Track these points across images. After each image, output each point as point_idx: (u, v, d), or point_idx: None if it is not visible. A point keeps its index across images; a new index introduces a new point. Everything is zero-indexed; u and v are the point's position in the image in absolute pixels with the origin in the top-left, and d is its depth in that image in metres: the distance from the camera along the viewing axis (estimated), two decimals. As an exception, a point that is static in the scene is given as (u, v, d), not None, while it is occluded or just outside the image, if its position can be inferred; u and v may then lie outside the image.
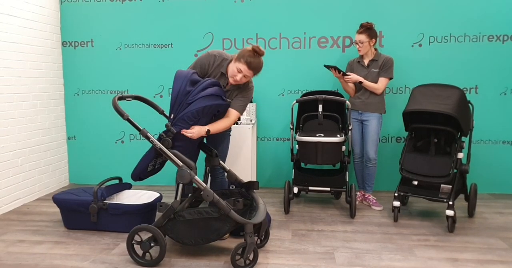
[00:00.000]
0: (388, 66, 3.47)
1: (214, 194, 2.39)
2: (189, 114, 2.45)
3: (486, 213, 3.45)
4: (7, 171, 3.54)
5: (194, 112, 2.45)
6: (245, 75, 2.61)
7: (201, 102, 2.46)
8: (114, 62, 4.28)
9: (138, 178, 2.66)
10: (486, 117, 3.98)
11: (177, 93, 2.49)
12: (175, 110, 2.49)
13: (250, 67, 2.58)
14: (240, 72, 2.59)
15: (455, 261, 2.53)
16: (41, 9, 3.96)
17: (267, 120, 4.24)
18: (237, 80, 2.63)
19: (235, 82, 2.67)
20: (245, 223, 2.37)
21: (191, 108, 2.45)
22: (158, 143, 2.47)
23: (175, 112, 2.49)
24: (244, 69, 2.58)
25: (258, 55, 2.60)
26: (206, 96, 2.49)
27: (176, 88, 2.50)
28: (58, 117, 4.27)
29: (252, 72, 2.61)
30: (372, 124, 3.52)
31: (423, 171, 3.09)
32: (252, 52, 2.59)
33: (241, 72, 2.59)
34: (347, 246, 2.77)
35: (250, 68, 2.58)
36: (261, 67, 2.65)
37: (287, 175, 4.22)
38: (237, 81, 2.64)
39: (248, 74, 2.61)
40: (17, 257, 2.61)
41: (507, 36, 3.87)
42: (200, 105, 2.46)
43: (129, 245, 2.50)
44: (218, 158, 2.83)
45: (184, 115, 2.45)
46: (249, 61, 2.56)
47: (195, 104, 2.46)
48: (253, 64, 2.57)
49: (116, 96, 2.54)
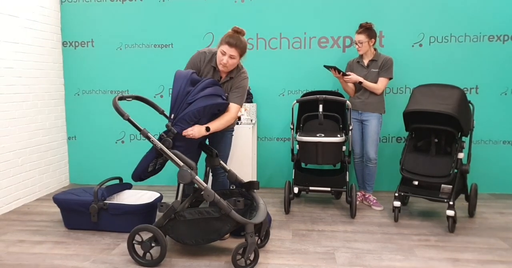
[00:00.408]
0: (388, 66, 3.47)
1: (214, 194, 2.39)
2: (190, 114, 2.45)
3: (487, 213, 3.45)
4: (7, 171, 3.54)
5: (195, 111, 2.45)
6: (230, 55, 2.59)
7: (201, 102, 2.47)
8: (114, 62, 4.28)
9: (138, 179, 2.66)
10: (487, 117, 3.98)
11: (177, 93, 2.49)
12: (175, 110, 2.49)
13: (231, 45, 2.57)
14: (224, 54, 2.60)
15: (456, 261, 2.53)
16: (41, 9, 3.96)
17: (267, 120, 4.24)
18: (224, 63, 2.61)
19: (224, 67, 2.66)
20: (245, 223, 2.37)
21: (191, 108, 2.46)
22: (158, 143, 2.47)
23: (175, 112, 2.49)
24: (226, 49, 2.58)
25: (237, 33, 2.62)
26: (206, 95, 2.49)
27: (176, 88, 2.50)
28: (58, 117, 4.27)
29: (235, 49, 2.59)
30: (372, 124, 3.51)
31: (424, 171, 3.09)
32: (231, 32, 2.62)
33: (225, 54, 2.59)
34: (347, 246, 2.77)
35: (231, 46, 2.58)
36: (244, 45, 2.64)
37: (288, 175, 4.22)
38: (225, 64, 2.62)
39: (233, 53, 2.59)
40: (17, 257, 2.61)
41: (507, 36, 3.87)
42: (200, 104, 2.46)
43: (129, 245, 2.50)
44: (218, 158, 2.83)
45: (185, 115, 2.46)
46: (227, 40, 2.58)
47: (195, 104, 2.46)
48: (232, 41, 2.57)
49: (117, 96, 2.54)
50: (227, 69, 2.69)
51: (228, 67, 2.67)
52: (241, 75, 2.77)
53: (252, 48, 4.14)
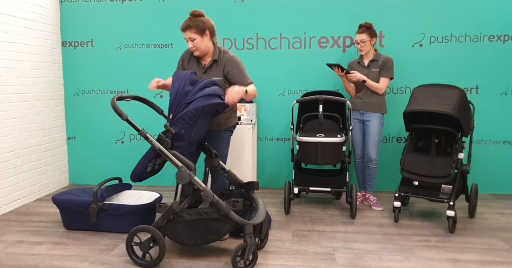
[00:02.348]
0: (389, 66, 3.47)
1: (213, 194, 2.38)
2: (189, 114, 2.45)
3: (487, 214, 3.44)
4: (6, 171, 3.53)
5: (194, 111, 2.45)
6: (189, 38, 2.69)
7: (200, 102, 2.46)
8: (114, 62, 4.28)
9: (137, 179, 2.66)
10: (487, 117, 3.97)
11: (176, 93, 2.49)
12: (173, 110, 2.49)
13: (183, 30, 2.69)
14: (187, 41, 2.71)
15: (456, 262, 2.52)
16: (41, 9, 3.96)
17: (267, 120, 4.23)
18: (191, 47, 2.72)
19: (196, 52, 2.74)
20: (244, 223, 2.37)
21: (190, 107, 2.45)
22: (157, 144, 2.46)
23: (173, 112, 2.48)
24: (184, 35, 2.71)
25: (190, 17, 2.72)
26: (205, 95, 2.48)
27: (175, 88, 2.49)
28: (58, 117, 4.26)
29: (189, 31, 2.67)
30: (373, 124, 3.51)
31: (424, 172, 3.09)
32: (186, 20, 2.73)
33: (187, 40, 2.71)
34: (347, 246, 2.76)
35: (184, 30, 2.69)
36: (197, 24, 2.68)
37: (288, 175, 4.22)
38: (193, 49, 2.72)
39: (190, 35, 2.68)
40: (16, 257, 2.60)
41: (507, 36, 3.87)
42: (199, 104, 2.45)
43: (128, 246, 2.49)
44: (217, 158, 2.83)
45: (184, 115, 2.45)
46: (180, 28, 2.71)
47: (194, 104, 2.45)
48: (183, 26, 2.69)
49: (115, 96, 2.54)
50: (201, 52, 2.76)
51: (199, 50, 2.73)
52: (226, 56, 2.78)
53: (252, 48, 4.13)
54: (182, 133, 2.48)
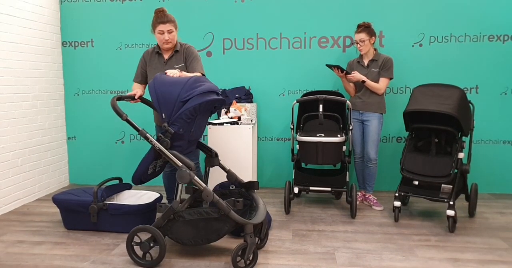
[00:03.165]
0: (388, 66, 3.47)
1: (214, 194, 2.38)
2: (187, 112, 2.44)
3: (487, 213, 3.44)
4: (7, 171, 3.53)
5: (192, 109, 2.44)
6: (168, 31, 2.92)
7: (197, 100, 2.46)
8: (114, 62, 4.28)
9: (139, 181, 2.66)
10: (487, 117, 3.97)
11: (162, 94, 2.47)
12: (166, 110, 2.47)
13: (164, 22, 2.90)
14: (162, 33, 2.92)
15: (456, 261, 2.53)
16: (41, 9, 3.96)
17: (267, 120, 4.23)
18: (167, 39, 2.93)
19: (168, 44, 2.96)
20: (245, 223, 2.37)
21: (187, 106, 2.44)
22: (157, 144, 2.47)
23: (168, 112, 2.47)
24: (162, 27, 2.90)
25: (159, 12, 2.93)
26: (201, 93, 2.48)
27: (164, 91, 2.48)
28: (58, 117, 4.26)
29: (169, 24, 2.91)
30: (372, 124, 3.51)
31: (424, 171, 3.09)
32: (154, 15, 2.94)
33: (163, 32, 2.91)
34: (347, 246, 2.76)
35: (165, 22, 2.90)
36: (173, 18, 2.96)
37: (288, 175, 4.22)
38: (167, 41, 2.94)
39: (169, 28, 2.92)
40: (16, 257, 2.60)
41: (507, 36, 3.87)
42: (196, 102, 2.45)
43: (128, 246, 2.50)
44: (218, 158, 2.83)
45: (182, 113, 2.44)
46: (159, 20, 2.90)
47: (191, 102, 2.45)
48: (164, 19, 2.90)
49: (115, 96, 2.54)
50: (171, 45, 2.99)
51: (172, 42, 2.98)
52: (186, 46, 3.05)
53: (253, 47, 4.13)
54: (181, 132, 2.48)
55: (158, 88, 2.49)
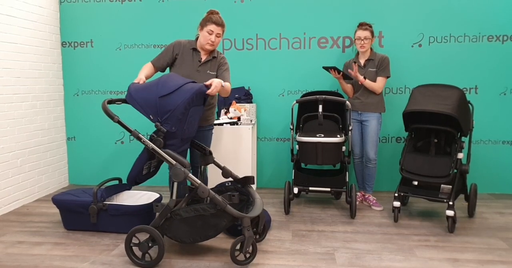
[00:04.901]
0: (385, 65, 3.47)
1: (209, 190, 2.39)
2: (180, 108, 2.45)
3: (486, 213, 3.45)
4: (6, 172, 3.53)
5: (181, 106, 2.45)
6: (217, 34, 2.85)
7: (184, 94, 2.48)
8: (114, 62, 4.28)
9: (134, 182, 2.66)
10: (486, 117, 3.98)
11: (153, 96, 2.49)
12: (151, 109, 2.48)
13: (218, 24, 2.84)
14: (211, 33, 2.84)
15: (456, 262, 2.53)
16: (40, 9, 3.95)
17: (267, 120, 4.23)
18: (212, 41, 2.85)
19: (211, 46, 2.88)
20: (242, 217, 2.37)
21: (177, 102, 2.45)
22: (150, 143, 2.47)
23: (153, 110, 2.48)
24: (214, 28, 2.83)
25: (215, 13, 2.88)
26: (185, 89, 2.51)
27: (146, 93, 2.51)
28: (57, 117, 4.26)
29: (221, 28, 2.87)
30: (371, 124, 3.51)
31: (423, 171, 3.09)
32: (209, 14, 2.88)
33: (213, 33, 2.84)
34: (347, 246, 2.77)
35: (219, 25, 2.84)
36: (225, 23, 2.90)
37: (287, 175, 4.22)
38: (213, 42, 2.86)
39: (219, 32, 2.86)
40: (16, 258, 2.60)
41: (506, 36, 3.87)
42: (186, 96, 2.47)
43: (127, 247, 2.49)
44: (212, 156, 2.84)
45: (175, 111, 2.45)
46: (214, 20, 2.83)
47: (179, 98, 2.46)
48: (219, 21, 2.85)
49: (106, 100, 2.56)
50: (214, 47, 2.92)
51: (215, 45, 2.90)
52: (222, 56, 3.02)
53: (252, 48, 4.14)
54: (173, 131, 2.49)
55: (135, 95, 2.52)
